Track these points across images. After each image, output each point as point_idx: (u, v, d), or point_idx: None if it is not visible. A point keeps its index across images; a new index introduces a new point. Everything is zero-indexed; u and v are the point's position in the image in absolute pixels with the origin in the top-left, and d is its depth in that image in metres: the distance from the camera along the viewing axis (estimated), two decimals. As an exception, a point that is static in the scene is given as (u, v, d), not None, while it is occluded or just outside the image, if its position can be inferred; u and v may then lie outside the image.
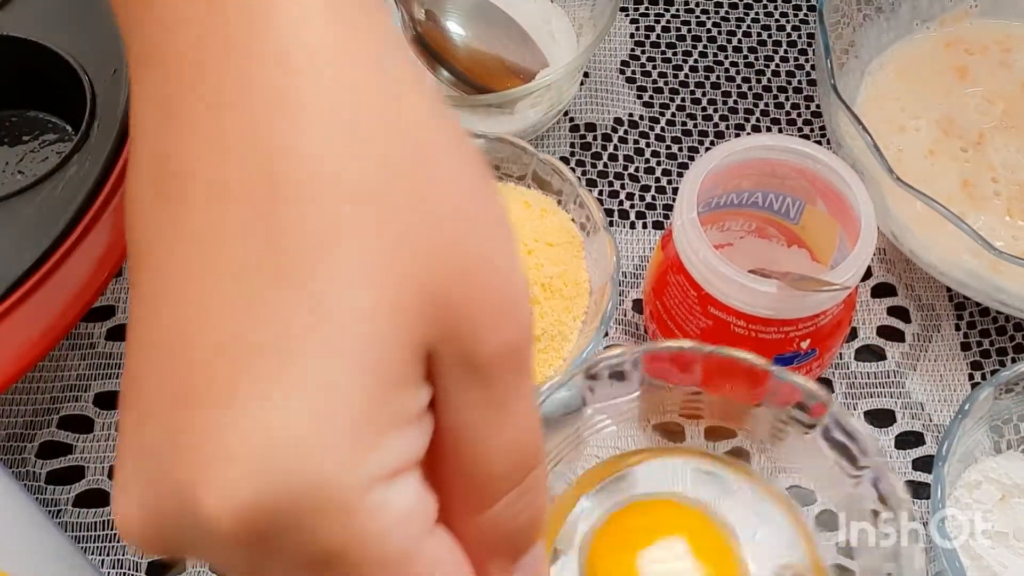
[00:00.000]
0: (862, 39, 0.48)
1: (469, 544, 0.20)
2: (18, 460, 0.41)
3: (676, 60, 0.53)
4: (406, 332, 0.18)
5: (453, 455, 0.20)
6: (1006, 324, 0.45)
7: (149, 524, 0.18)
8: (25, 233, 0.35)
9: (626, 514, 0.32)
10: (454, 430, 0.19)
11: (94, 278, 0.36)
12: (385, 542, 0.18)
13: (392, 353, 0.18)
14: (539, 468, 0.21)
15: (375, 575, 0.18)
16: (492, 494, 0.20)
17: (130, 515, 0.18)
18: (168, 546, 0.19)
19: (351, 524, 0.17)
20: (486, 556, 0.21)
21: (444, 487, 0.20)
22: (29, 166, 0.42)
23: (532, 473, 0.20)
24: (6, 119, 0.43)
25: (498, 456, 0.20)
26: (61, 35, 0.40)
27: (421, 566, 0.19)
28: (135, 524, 0.18)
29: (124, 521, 0.18)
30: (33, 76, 0.41)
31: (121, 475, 0.18)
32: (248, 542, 0.17)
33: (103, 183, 0.37)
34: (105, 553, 0.39)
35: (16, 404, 0.42)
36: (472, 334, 0.18)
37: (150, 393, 0.18)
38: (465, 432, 0.19)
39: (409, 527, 0.18)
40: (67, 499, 0.40)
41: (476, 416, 0.19)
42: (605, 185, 0.49)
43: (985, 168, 0.45)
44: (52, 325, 0.35)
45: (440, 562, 0.19)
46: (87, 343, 0.44)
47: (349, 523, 0.17)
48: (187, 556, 0.19)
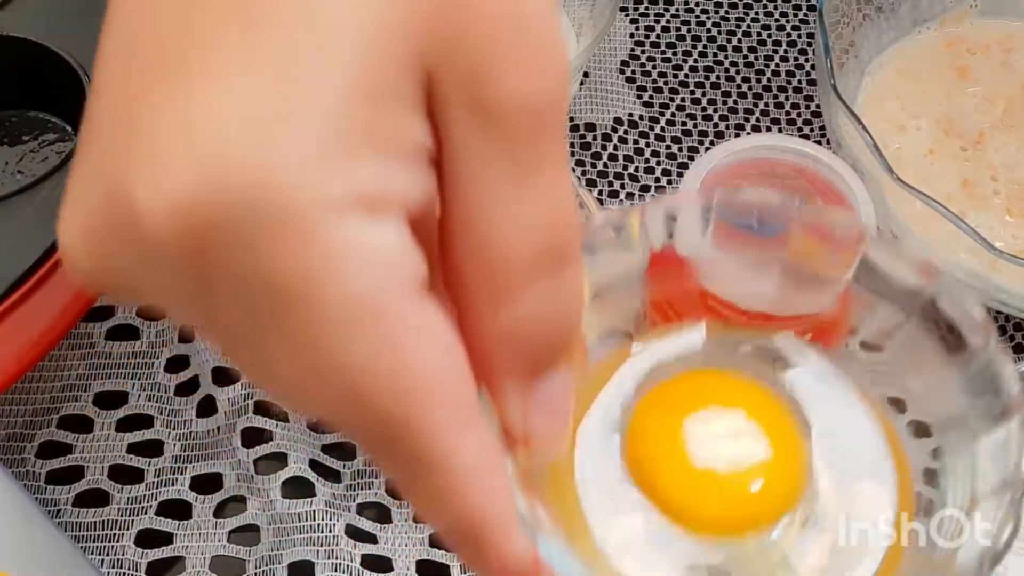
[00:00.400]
0: (862, 39, 0.48)
1: (483, 356, 0.18)
2: (18, 460, 0.41)
3: (676, 60, 0.53)
4: (397, 35, 0.15)
5: (465, 236, 0.17)
6: (1006, 324, 0.45)
7: (90, 239, 0.16)
8: (25, 233, 0.35)
9: (683, 380, 0.28)
10: (465, 198, 0.16)
11: (94, 278, 0.36)
12: (350, 285, 0.15)
13: (377, 54, 0.15)
14: (572, 267, 0.17)
15: (337, 328, 0.15)
16: (510, 284, 0.17)
17: (72, 233, 0.16)
18: (111, 273, 0.16)
19: (307, 251, 0.15)
20: (501, 371, 0.18)
21: (456, 286, 0.17)
22: (29, 166, 0.42)
23: (561, 270, 0.17)
24: (6, 119, 0.43)
25: (517, 235, 0.16)
26: (61, 35, 0.40)
27: (396, 328, 0.15)
28: (78, 243, 0.16)
29: (66, 242, 0.16)
30: (33, 76, 0.41)
31: (70, 193, 0.16)
32: (188, 255, 0.15)
33: (103, 183, 0.37)
34: (105, 553, 0.39)
35: (16, 404, 0.42)
36: (482, 67, 0.15)
37: (108, 87, 0.16)
38: (477, 198, 0.16)
39: (384, 277, 0.15)
40: (67, 499, 0.40)
41: (490, 178, 0.16)
42: (605, 185, 0.49)
43: (985, 168, 0.45)
44: (52, 325, 0.35)
45: (422, 331, 0.16)
46: (87, 343, 0.44)
47: (305, 249, 0.14)
48: (131, 292, 0.17)
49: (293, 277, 0.15)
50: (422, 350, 0.16)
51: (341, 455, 0.41)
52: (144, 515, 0.39)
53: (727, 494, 0.24)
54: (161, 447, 0.41)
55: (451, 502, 0.17)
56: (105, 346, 0.43)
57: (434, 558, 0.39)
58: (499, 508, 0.18)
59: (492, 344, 0.17)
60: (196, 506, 0.40)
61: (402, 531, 0.39)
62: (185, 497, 0.40)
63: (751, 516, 0.24)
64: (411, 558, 0.39)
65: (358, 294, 0.15)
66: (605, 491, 0.24)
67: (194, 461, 0.41)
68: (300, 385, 0.16)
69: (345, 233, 0.15)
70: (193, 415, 0.42)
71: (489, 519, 0.18)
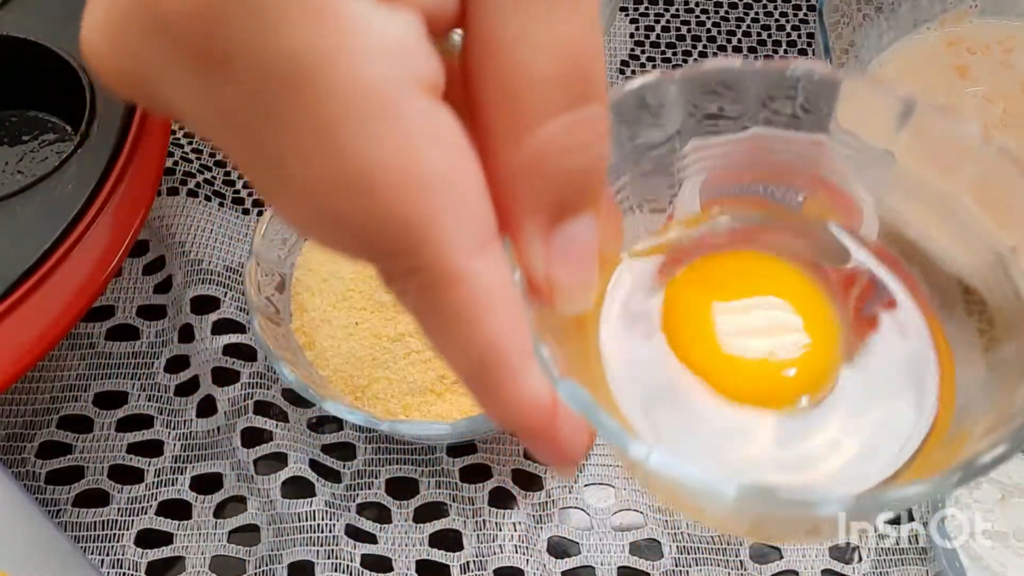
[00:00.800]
0: (862, 39, 0.48)
1: (506, 197, 0.17)
2: (18, 460, 0.41)
3: (676, 60, 0.53)
4: None
5: (490, 59, 0.16)
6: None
7: (111, 32, 0.16)
8: (25, 233, 0.35)
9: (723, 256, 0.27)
10: (492, 18, 0.16)
11: (94, 278, 0.36)
12: (365, 69, 0.15)
13: None
14: (597, 103, 0.17)
15: (350, 116, 0.15)
16: (534, 109, 0.16)
17: (94, 28, 0.16)
18: (130, 69, 0.16)
19: (323, 27, 0.14)
20: (524, 210, 0.17)
21: (479, 121, 0.17)
22: (29, 166, 0.42)
23: (586, 102, 0.17)
24: (6, 119, 0.43)
25: (544, 58, 0.16)
26: (61, 35, 0.40)
27: (411, 123, 0.15)
28: (99, 38, 0.16)
29: (88, 39, 0.16)
30: (33, 76, 0.41)
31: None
32: (204, 35, 0.15)
33: (103, 183, 0.37)
34: (105, 553, 0.39)
35: (16, 404, 0.42)
36: None
37: None
38: (505, 18, 0.16)
39: (400, 69, 0.15)
40: (67, 499, 0.40)
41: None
42: (605, 185, 0.49)
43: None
44: (52, 325, 0.35)
45: (438, 132, 0.16)
46: (87, 343, 0.44)
47: (320, 25, 0.14)
48: (147, 91, 0.17)
49: (308, 54, 0.14)
50: (437, 150, 0.16)
51: (341, 455, 0.41)
52: (144, 515, 0.39)
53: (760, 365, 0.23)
54: (161, 447, 0.41)
55: (465, 326, 0.17)
56: (105, 346, 0.43)
57: (434, 558, 0.39)
58: (514, 340, 0.17)
59: (515, 178, 0.17)
60: (196, 506, 0.40)
61: (402, 531, 0.39)
62: (185, 497, 0.40)
63: (782, 390, 0.23)
64: (411, 558, 0.39)
65: (373, 80, 0.15)
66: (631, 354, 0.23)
67: (194, 461, 0.41)
68: (312, 189, 0.16)
69: (361, 15, 0.15)
70: (193, 415, 0.42)
71: (503, 350, 0.17)
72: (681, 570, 0.39)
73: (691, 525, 0.40)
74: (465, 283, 0.16)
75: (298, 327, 0.39)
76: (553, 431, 0.18)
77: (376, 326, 0.38)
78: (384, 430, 0.36)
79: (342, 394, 0.38)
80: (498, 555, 0.38)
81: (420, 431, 0.37)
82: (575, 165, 0.17)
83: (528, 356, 0.18)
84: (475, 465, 0.41)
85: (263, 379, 0.42)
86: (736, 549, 0.39)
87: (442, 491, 0.40)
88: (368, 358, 0.38)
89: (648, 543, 0.39)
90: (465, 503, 0.40)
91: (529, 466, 0.41)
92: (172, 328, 0.44)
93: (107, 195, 0.37)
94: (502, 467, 0.41)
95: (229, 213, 0.47)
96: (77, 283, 0.36)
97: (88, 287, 0.36)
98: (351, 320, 0.38)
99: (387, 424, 0.35)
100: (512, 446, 0.41)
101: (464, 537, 0.39)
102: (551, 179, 0.17)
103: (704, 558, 0.39)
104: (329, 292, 0.39)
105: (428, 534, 0.39)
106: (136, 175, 0.38)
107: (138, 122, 0.38)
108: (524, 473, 0.41)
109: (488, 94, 0.17)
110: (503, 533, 0.39)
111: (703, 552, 0.39)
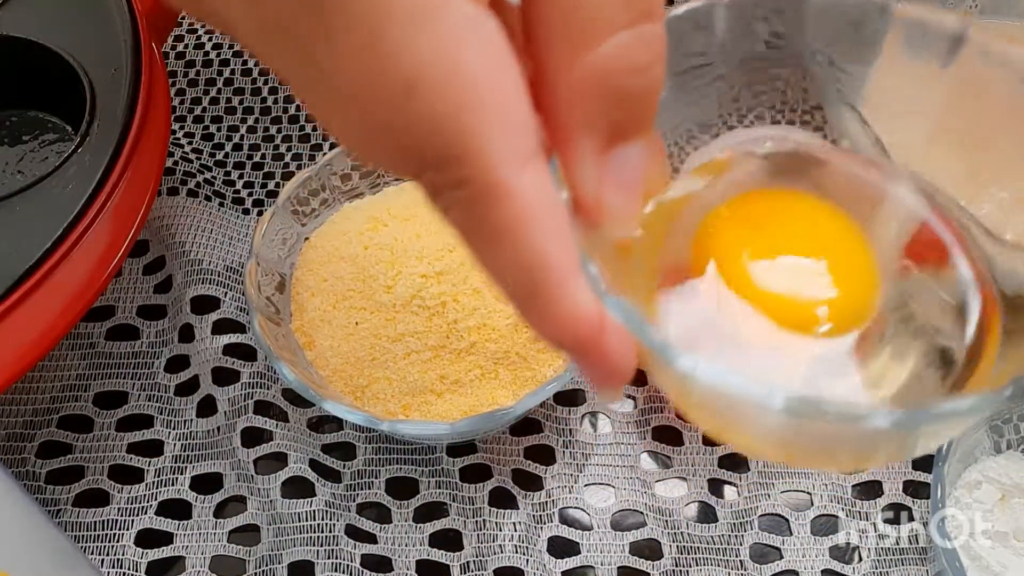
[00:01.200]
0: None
1: (560, 115, 0.17)
2: (18, 460, 0.41)
3: None
4: None
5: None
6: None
7: None
8: (25, 233, 0.35)
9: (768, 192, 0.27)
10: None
11: (94, 278, 0.36)
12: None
13: None
14: (655, 22, 0.17)
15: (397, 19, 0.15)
16: (593, 24, 0.17)
17: None
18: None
19: None
20: (577, 127, 0.18)
21: (535, 40, 0.17)
22: (29, 166, 0.42)
23: (645, 20, 0.17)
24: (6, 119, 0.43)
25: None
26: (61, 35, 0.40)
27: (457, 30, 0.16)
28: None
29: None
30: (33, 76, 0.41)
31: None
32: None
33: (103, 183, 0.37)
34: (105, 553, 0.39)
35: (16, 404, 0.42)
36: None
37: None
38: None
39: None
40: (67, 499, 0.40)
41: None
42: (605, 185, 0.49)
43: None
44: (52, 325, 0.35)
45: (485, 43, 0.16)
46: (87, 343, 0.44)
47: None
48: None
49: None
50: (482, 55, 0.16)
51: (341, 455, 0.41)
52: (144, 515, 0.39)
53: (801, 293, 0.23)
54: (161, 447, 0.41)
55: (513, 239, 0.17)
56: (105, 346, 0.43)
57: (434, 558, 0.39)
58: (562, 254, 0.17)
59: (572, 97, 0.17)
60: (196, 506, 0.40)
61: (402, 531, 0.39)
62: (185, 497, 0.40)
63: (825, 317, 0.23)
64: (411, 558, 0.39)
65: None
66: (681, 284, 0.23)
67: (194, 461, 0.41)
68: (359, 94, 0.16)
69: None
70: (193, 415, 0.42)
71: (551, 262, 0.17)
72: (681, 570, 0.39)
73: (691, 525, 0.40)
74: (512, 195, 0.16)
75: (298, 327, 0.39)
76: (602, 345, 0.18)
77: (376, 326, 0.38)
78: (384, 430, 0.36)
79: (342, 394, 0.38)
80: (498, 555, 0.38)
81: (420, 431, 0.37)
82: (634, 86, 0.17)
83: (575, 270, 0.17)
84: (475, 465, 0.41)
85: (263, 379, 0.42)
86: (736, 549, 0.39)
87: (442, 491, 0.40)
88: (368, 358, 0.38)
89: (648, 543, 0.39)
90: (465, 503, 0.40)
91: (529, 466, 0.41)
92: (172, 328, 0.44)
93: (107, 195, 0.37)
94: (502, 467, 0.41)
95: (229, 213, 0.47)
96: (77, 283, 0.36)
97: (88, 287, 0.36)
98: (351, 320, 0.38)
99: (387, 424, 0.35)
100: (512, 446, 0.41)
101: (464, 537, 0.39)
102: (609, 99, 0.17)
103: (704, 558, 0.39)
104: (329, 292, 0.39)
105: (428, 534, 0.39)
106: (136, 175, 0.38)
107: (138, 122, 0.38)
108: (524, 473, 0.41)
109: (547, 9, 0.16)
110: (503, 533, 0.39)
111: (703, 552, 0.39)
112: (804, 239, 0.24)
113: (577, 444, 0.41)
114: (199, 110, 0.52)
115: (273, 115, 0.52)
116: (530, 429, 0.42)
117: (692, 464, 0.41)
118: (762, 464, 0.41)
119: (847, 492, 0.40)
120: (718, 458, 0.41)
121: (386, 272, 0.38)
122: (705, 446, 0.42)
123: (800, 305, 0.23)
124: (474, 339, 0.38)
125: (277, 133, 0.51)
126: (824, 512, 0.40)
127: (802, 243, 0.24)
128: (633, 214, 0.19)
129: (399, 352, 0.38)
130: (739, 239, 0.24)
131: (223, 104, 0.52)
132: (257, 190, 0.49)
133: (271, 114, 0.52)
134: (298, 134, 0.51)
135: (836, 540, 0.39)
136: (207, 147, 0.50)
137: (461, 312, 0.38)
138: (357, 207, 0.42)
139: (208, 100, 0.52)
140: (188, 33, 0.55)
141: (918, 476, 0.41)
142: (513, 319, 0.38)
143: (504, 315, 0.38)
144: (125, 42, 0.40)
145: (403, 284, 0.38)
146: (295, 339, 0.39)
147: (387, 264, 0.39)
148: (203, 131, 0.51)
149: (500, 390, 0.38)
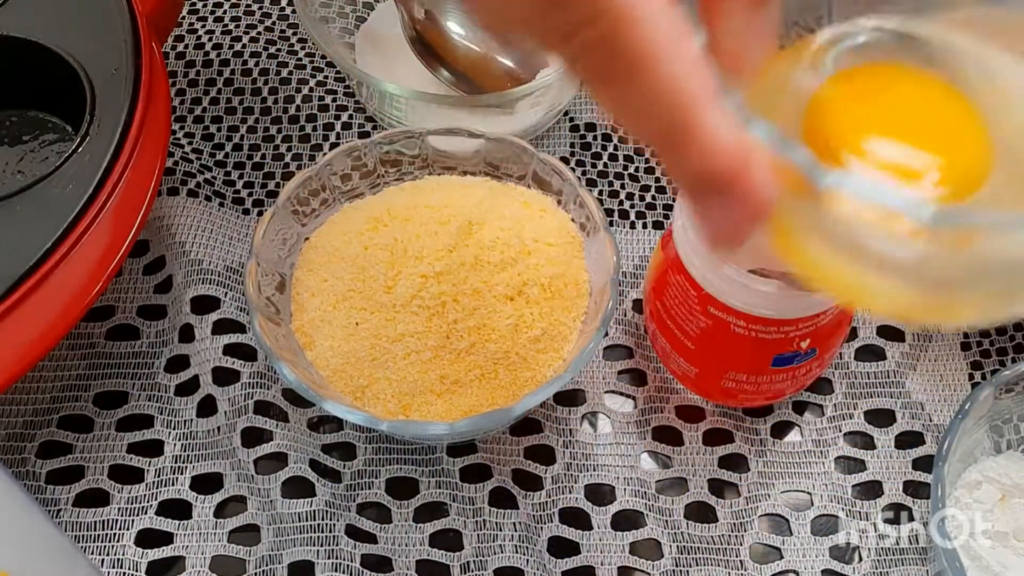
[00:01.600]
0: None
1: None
2: (18, 460, 0.41)
3: None
4: None
5: None
6: (1006, 324, 0.45)
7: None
8: (25, 233, 0.35)
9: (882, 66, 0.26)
10: None
11: (94, 278, 0.36)
12: None
13: None
14: None
15: None
16: None
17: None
18: None
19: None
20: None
21: None
22: (29, 166, 0.42)
23: None
24: (6, 119, 0.43)
25: None
26: (61, 35, 0.40)
27: None
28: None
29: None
30: (33, 76, 0.41)
31: None
32: None
33: (103, 183, 0.37)
34: (105, 553, 0.39)
35: (16, 404, 0.42)
36: None
37: None
38: None
39: None
40: (67, 499, 0.40)
41: None
42: (605, 185, 0.49)
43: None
44: (52, 325, 0.35)
45: None
46: (87, 343, 0.44)
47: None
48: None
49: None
50: None
51: (341, 455, 0.41)
52: (144, 515, 0.39)
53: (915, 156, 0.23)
54: (161, 447, 0.41)
55: (651, 68, 0.17)
56: (105, 346, 0.43)
57: (434, 558, 0.39)
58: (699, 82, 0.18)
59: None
60: (196, 506, 0.40)
61: (402, 531, 0.39)
62: (185, 497, 0.40)
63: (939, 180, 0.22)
64: (411, 558, 0.39)
65: None
66: None
67: (194, 461, 0.41)
68: None
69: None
70: (193, 415, 0.42)
71: (690, 91, 0.17)
72: (681, 570, 0.39)
73: (691, 525, 0.40)
74: (645, 23, 0.17)
75: (298, 327, 0.39)
76: (747, 177, 0.18)
77: (376, 326, 0.38)
78: (384, 430, 0.36)
79: (342, 394, 0.38)
80: (498, 555, 0.38)
81: (420, 431, 0.37)
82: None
83: (715, 98, 0.18)
84: (475, 465, 0.41)
85: (263, 379, 0.42)
86: (736, 549, 0.39)
87: (442, 491, 0.40)
88: (368, 358, 0.38)
89: (648, 543, 0.39)
90: (465, 503, 0.40)
91: (529, 466, 0.41)
92: (172, 328, 0.44)
93: (107, 195, 0.37)
94: (502, 467, 0.41)
95: (229, 213, 0.47)
96: (77, 283, 0.36)
97: (88, 287, 0.36)
98: (351, 320, 0.38)
99: (387, 424, 0.35)
100: (512, 446, 0.41)
101: (464, 537, 0.39)
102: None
103: (704, 558, 0.39)
104: (329, 292, 0.39)
105: (428, 534, 0.39)
106: (136, 175, 0.38)
107: (138, 122, 0.38)
108: (524, 473, 0.41)
109: None
110: (503, 533, 0.39)
111: (703, 552, 0.39)
112: (914, 109, 0.24)
113: (577, 444, 0.41)
114: (199, 110, 0.52)
115: (273, 115, 0.52)
116: (530, 429, 0.42)
117: (692, 464, 0.41)
118: (762, 464, 0.41)
119: (847, 492, 0.40)
120: (718, 458, 0.41)
121: (386, 272, 0.38)
122: (705, 446, 0.42)
123: (915, 173, 0.23)
124: (474, 339, 0.38)
125: (277, 133, 0.51)
126: (824, 512, 0.40)
127: (913, 114, 0.24)
128: (760, 72, 0.19)
129: (399, 352, 0.38)
130: (852, 114, 0.24)
131: (223, 104, 0.52)
132: (257, 190, 0.49)
133: (271, 114, 0.52)
134: (298, 134, 0.51)
135: (836, 540, 0.39)
136: (207, 147, 0.50)
137: (461, 312, 0.38)
138: (357, 207, 0.42)
139: (208, 100, 0.52)
140: (188, 33, 0.55)
141: (918, 476, 0.41)
142: (513, 319, 0.38)
143: (504, 315, 0.38)
144: (125, 42, 0.40)
145: (403, 284, 0.38)
146: (295, 339, 0.39)
147: (387, 264, 0.39)
148: (203, 131, 0.51)
149: (500, 390, 0.38)
